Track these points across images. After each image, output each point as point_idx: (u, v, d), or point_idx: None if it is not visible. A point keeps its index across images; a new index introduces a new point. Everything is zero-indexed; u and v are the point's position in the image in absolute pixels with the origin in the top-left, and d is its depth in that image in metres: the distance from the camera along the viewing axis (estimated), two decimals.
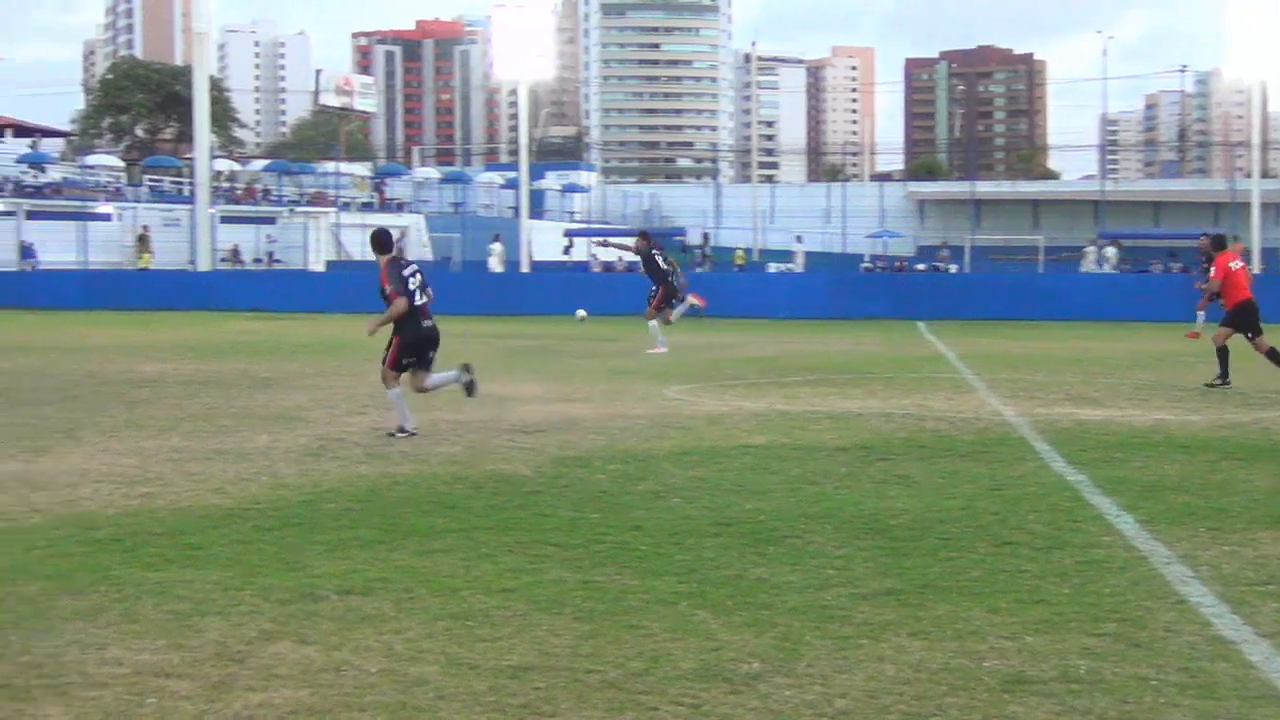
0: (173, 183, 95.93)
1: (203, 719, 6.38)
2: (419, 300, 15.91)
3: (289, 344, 31.26)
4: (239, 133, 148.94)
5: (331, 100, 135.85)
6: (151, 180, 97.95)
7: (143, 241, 70.24)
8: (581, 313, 36.49)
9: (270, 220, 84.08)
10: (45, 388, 21.31)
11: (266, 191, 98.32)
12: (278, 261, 77.92)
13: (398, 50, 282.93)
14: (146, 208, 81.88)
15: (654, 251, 30.47)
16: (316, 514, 11.16)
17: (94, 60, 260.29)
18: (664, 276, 30.26)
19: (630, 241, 31.78)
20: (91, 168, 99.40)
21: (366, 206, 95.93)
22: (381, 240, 16.28)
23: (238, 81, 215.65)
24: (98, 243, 68.42)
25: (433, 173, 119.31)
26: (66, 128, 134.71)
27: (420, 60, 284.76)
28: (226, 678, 6.93)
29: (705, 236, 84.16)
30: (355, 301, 47.01)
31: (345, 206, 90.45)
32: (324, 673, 7.01)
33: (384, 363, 16.08)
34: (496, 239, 61.69)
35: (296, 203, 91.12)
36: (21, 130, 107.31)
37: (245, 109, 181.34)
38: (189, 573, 9.10)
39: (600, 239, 56.93)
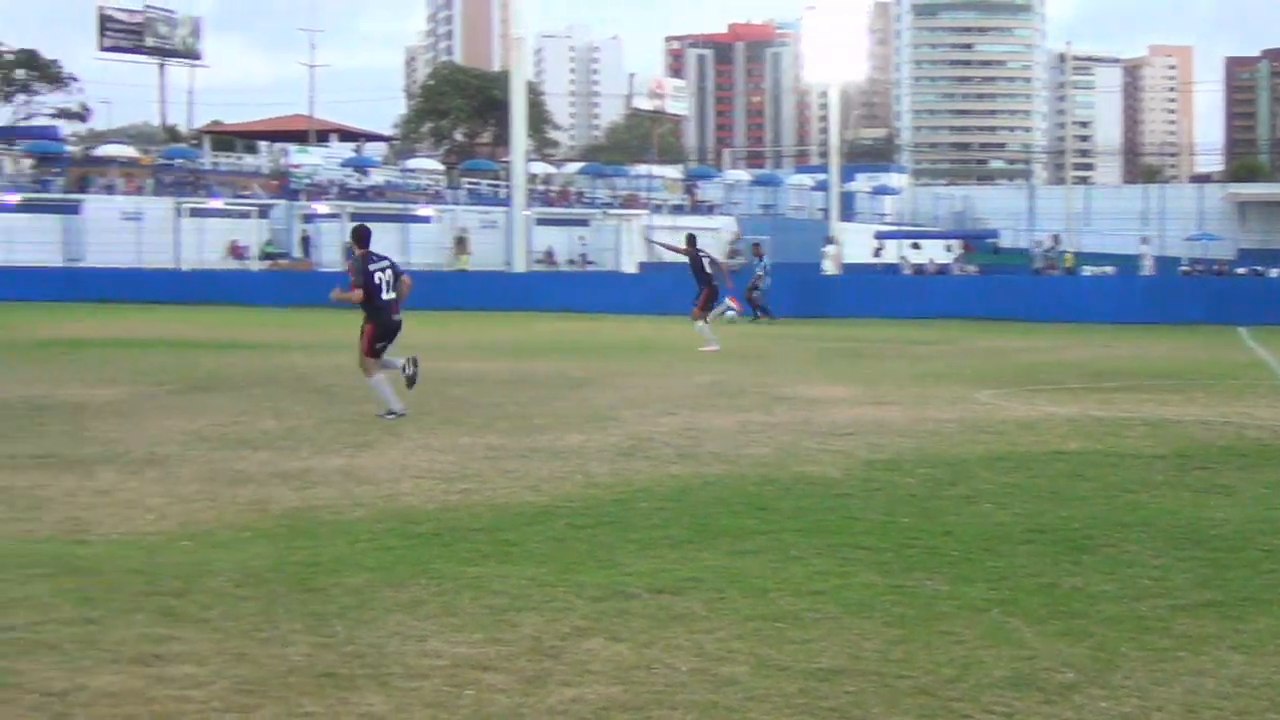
0: (490, 185, 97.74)
1: (518, 712, 6.51)
2: (386, 295, 17.86)
3: (601, 344, 31.66)
4: (554, 136, 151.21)
5: (644, 103, 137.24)
6: (470, 183, 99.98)
7: (461, 243, 71.88)
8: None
9: (583, 222, 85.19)
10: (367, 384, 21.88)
11: (580, 194, 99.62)
12: (590, 263, 78.90)
13: (709, 53, 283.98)
14: (465, 210, 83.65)
15: (700, 255, 31.88)
16: (628, 512, 11.29)
17: (415, 66, 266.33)
18: (708, 280, 31.56)
19: (680, 244, 32.99)
20: (412, 171, 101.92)
21: (678, 209, 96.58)
22: (361, 236, 18.35)
23: (553, 86, 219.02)
24: (418, 244, 70.11)
25: (743, 175, 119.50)
26: (389, 132, 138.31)
27: (731, 63, 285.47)
28: (541, 672, 7.06)
29: (1056, 239, 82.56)
30: (666, 302, 47.40)
31: (657, 209, 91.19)
32: (635, 670, 7.10)
33: (362, 352, 17.94)
34: (830, 241, 61.49)
35: (609, 205, 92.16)
36: (347, 135, 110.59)
37: (560, 113, 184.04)
38: (505, 568, 9.28)
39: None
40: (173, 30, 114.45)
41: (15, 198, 74.39)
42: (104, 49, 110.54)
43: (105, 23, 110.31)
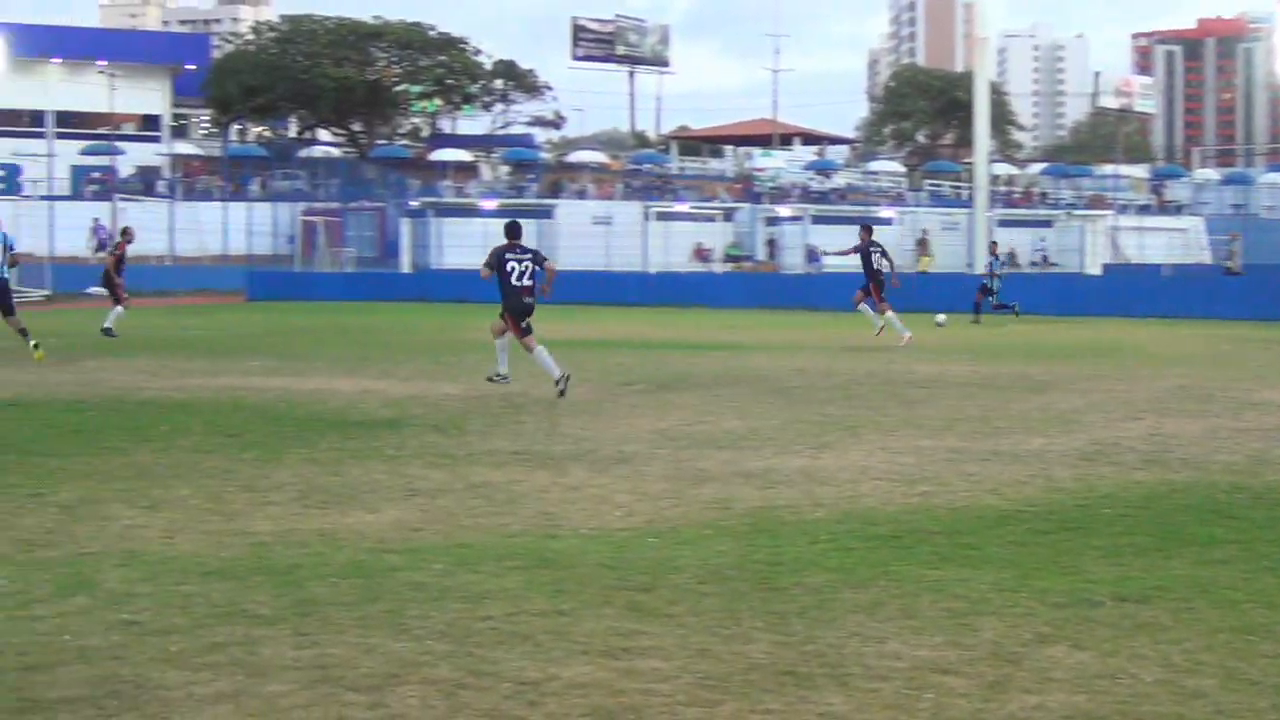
0: (952, 187, 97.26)
1: (978, 717, 6.50)
2: (516, 281, 20.67)
3: (1064, 347, 31.11)
4: (1017, 136, 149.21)
5: (1110, 102, 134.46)
6: (931, 185, 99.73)
7: (922, 244, 71.64)
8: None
9: (1046, 223, 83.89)
10: (829, 386, 22.02)
11: (1044, 195, 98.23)
12: (1052, 264, 77.63)
13: (1178, 50, 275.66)
14: (926, 211, 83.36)
15: (871, 248, 31.91)
16: (1092, 519, 11.11)
17: (877, 69, 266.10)
18: (875, 274, 31.75)
19: (850, 245, 33.50)
20: (874, 173, 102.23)
21: (1144, 209, 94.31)
22: (511, 230, 21.31)
23: (1016, 85, 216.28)
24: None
25: (1212, 174, 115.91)
26: (851, 135, 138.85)
27: (1201, 59, 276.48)
28: (1001, 678, 7.03)
29: None
30: (1131, 305, 46.35)
31: (1123, 209, 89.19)
32: (1099, 679, 7.01)
33: (507, 327, 20.96)
34: None
35: (1074, 206, 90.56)
36: (810, 138, 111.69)
37: (1023, 113, 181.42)
38: (965, 572, 9.26)
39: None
40: (642, 39, 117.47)
41: (493, 203, 77.45)
42: (576, 58, 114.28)
43: (578, 33, 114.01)
